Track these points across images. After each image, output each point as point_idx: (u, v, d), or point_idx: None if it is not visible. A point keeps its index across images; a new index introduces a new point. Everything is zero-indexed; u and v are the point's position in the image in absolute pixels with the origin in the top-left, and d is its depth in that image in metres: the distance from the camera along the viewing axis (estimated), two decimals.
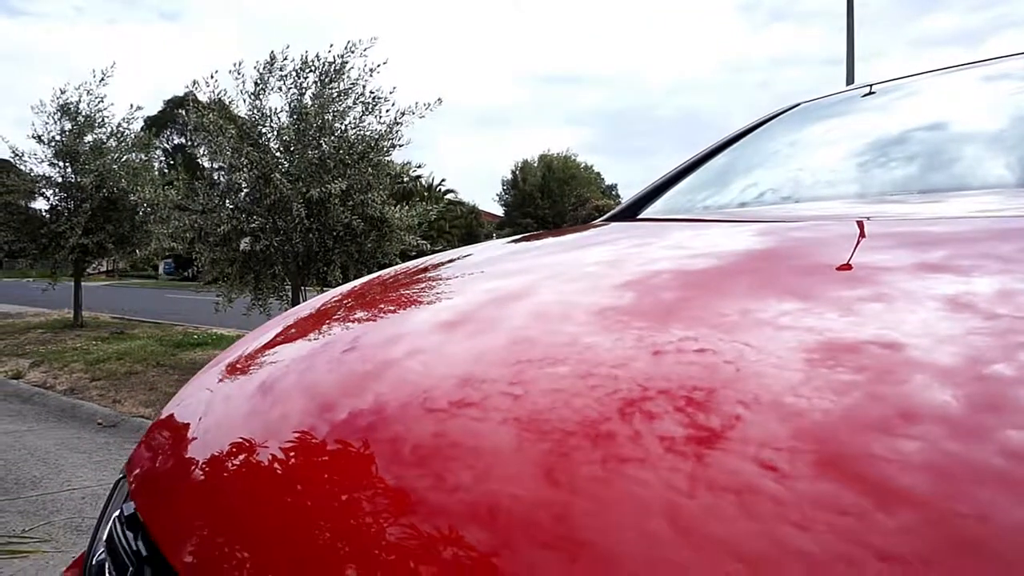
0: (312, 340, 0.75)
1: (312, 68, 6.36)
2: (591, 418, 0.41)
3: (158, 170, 10.30)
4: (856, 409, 0.36)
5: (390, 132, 6.44)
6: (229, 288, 6.61)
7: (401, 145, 6.58)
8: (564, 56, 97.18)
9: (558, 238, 1.18)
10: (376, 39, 6.45)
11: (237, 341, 0.91)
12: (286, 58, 6.36)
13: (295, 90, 6.37)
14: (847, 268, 0.60)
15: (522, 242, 1.14)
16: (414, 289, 0.90)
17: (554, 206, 38.11)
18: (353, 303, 0.89)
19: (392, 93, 6.55)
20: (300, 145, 6.21)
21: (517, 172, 41.10)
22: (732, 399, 0.39)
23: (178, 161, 9.70)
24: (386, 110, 6.49)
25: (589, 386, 0.45)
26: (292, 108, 6.35)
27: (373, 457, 0.45)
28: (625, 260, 0.84)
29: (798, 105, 1.62)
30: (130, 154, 9.27)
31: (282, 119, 6.41)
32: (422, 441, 0.44)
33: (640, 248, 0.92)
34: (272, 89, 6.38)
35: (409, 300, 0.84)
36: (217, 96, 6.50)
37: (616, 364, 0.47)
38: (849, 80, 11.31)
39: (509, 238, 1.26)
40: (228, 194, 6.51)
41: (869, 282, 0.55)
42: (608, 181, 47.60)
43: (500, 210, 42.20)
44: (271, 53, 6.32)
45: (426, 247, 6.63)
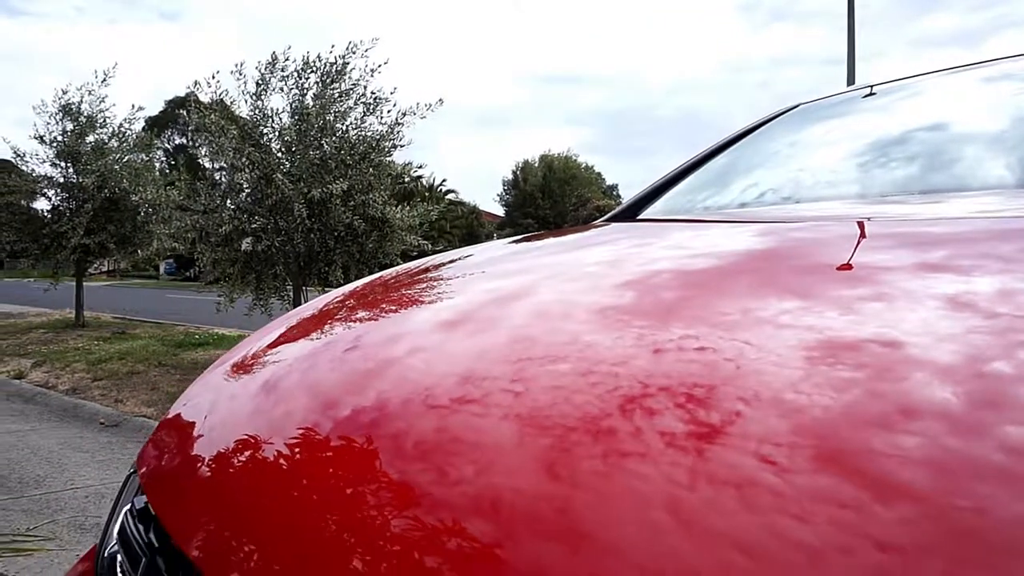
0: (315, 340, 0.76)
1: (314, 69, 6.37)
2: (592, 414, 0.41)
3: (159, 170, 10.31)
4: (856, 405, 0.37)
5: (391, 132, 6.46)
6: (231, 288, 6.62)
7: (402, 145, 6.60)
8: (564, 56, 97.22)
9: (559, 238, 1.19)
10: (377, 40, 6.47)
11: (241, 341, 0.92)
12: (287, 59, 6.38)
13: (297, 91, 6.38)
14: (847, 268, 0.60)
15: (523, 242, 1.15)
16: (416, 289, 0.91)
17: (555, 206, 38.09)
18: (355, 303, 0.89)
19: (393, 93, 6.57)
20: (301, 145, 6.22)
21: (518, 172, 41.08)
22: (732, 396, 0.40)
23: (180, 161, 9.74)
24: (387, 111, 6.52)
25: (590, 383, 0.45)
26: (294, 109, 6.37)
27: (376, 452, 0.46)
28: (626, 260, 0.85)
29: (799, 106, 1.62)
30: (132, 154, 9.30)
31: (284, 119, 6.43)
32: (424, 437, 0.45)
33: (640, 248, 0.93)
34: (274, 90, 6.40)
35: (411, 300, 0.85)
36: (219, 96, 6.52)
37: (617, 362, 0.48)
38: (850, 80, 11.30)
39: (510, 238, 1.27)
40: (230, 194, 6.52)
41: (869, 282, 0.56)
42: (609, 181, 47.63)
43: (501, 210, 42.20)
44: (272, 54, 6.34)
45: (427, 247, 6.63)
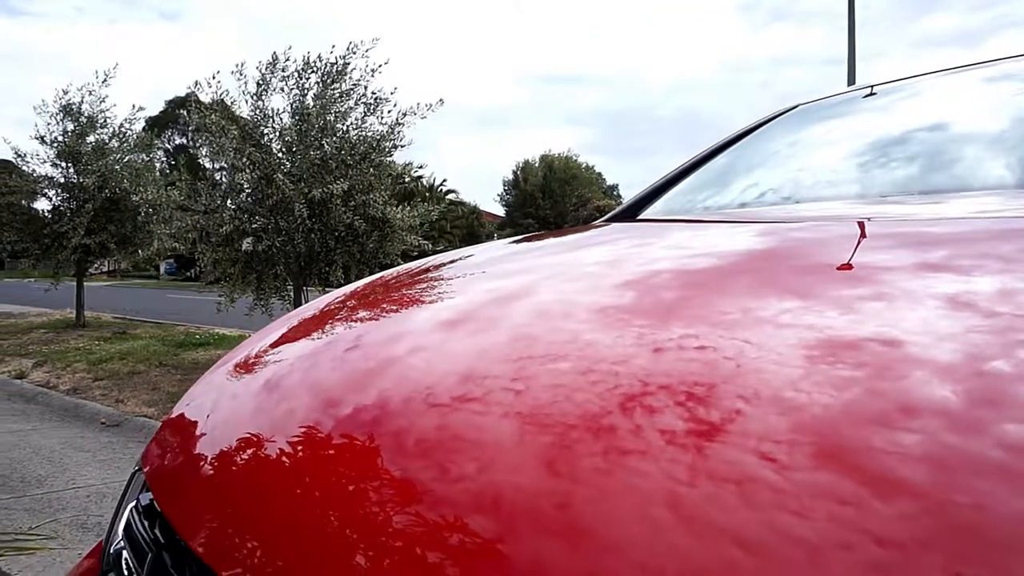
0: (317, 339, 0.76)
1: (314, 69, 6.37)
2: (592, 412, 0.42)
3: (159, 170, 10.32)
4: (855, 403, 0.37)
5: (392, 133, 6.46)
6: (231, 288, 6.63)
7: (403, 146, 6.61)
8: (564, 56, 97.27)
9: (559, 238, 1.19)
10: (378, 40, 6.47)
11: (244, 341, 0.92)
12: (288, 59, 6.38)
13: (297, 91, 6.39)
14: (847, 268, 0.60)
15: (523, 243, 1.15)
16: (416, 289, 0.91)
17: (555, 206, 38.06)
18: (356, 303, 0.90)
19: (393, 94, 6.58)
20: (302, 146, 6.22)
21: (518, 172, 41.04)
22: (732, 393, 0.40)
23: (180, 161, 9.74)
24: (388, 111, 6.52)
25: (590, 381, 0.46)
26: (294, 109, 6.37)
27: (378, 449, 0.46)
28: (626, 260, 0.85)
29: (799, 106, 1.62)
30: (132, 155, 9.30)
31: (284, 120, 6.43)
32: (426, 434, 0.45)
33: (641, 248, 0.93)
34: (274, 90, 6.40)
35: (412, 300, 0.85)
36: (219, 97, 6.53)
37: (617, 360, 0.48)
38: (850, 80, 11.30)
39: (511, 239, 1.27)
40: (230, 194, 6.53)
41: (869, 281, 0.56)
42: (609, 181, 47.61)
43: (501, 210, 42.16)
44: (273, 54, 6.34)
45: (427, 247, 6.64)
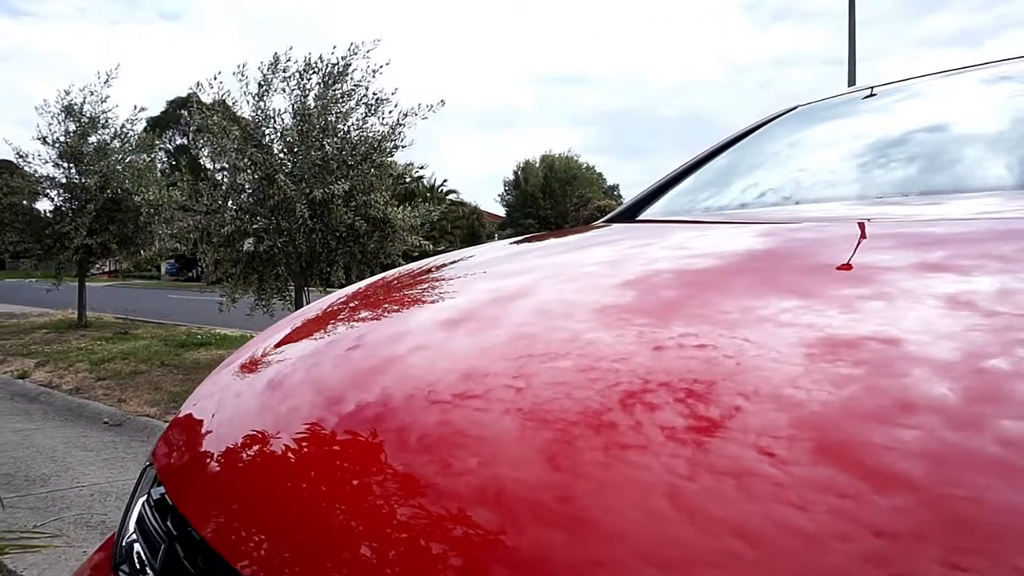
0: (320, 339, 0.77)
1: (315, 70, 6.38)
2: (593, 408, 0.42)
3: (161, 171, 10.32)
4: (854, 400, 0.37)
5: (393, 133, 6.47)
6: (233, 288, 6.63)
7: (404, 146, 6.61)
8: (565, 57, 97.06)
9: (560, 239, 1.20)
10: (379, 41, 6.48)
11: (249, 341, 0.93)
12: (289, 59, 6.39)
13: (299, 91, 6.39)
14: (847, 268, 0.61)
15: (524, 243, 1.16)
16: (418, 289, 0.91)
17: (556, 207, 38.04)
18: (359, 304, 0.90)
19: (394, 94, 6.58)
20: (303, 146, 6.23)
21: (519, 172, 41.01)
22: (732, 390, 0.41)
23: (182, 162, 9.74)
24: (389, 111, 6.52)
25: (591, 378, 0.46)
26: (295, 109, 6.38)
27: (381, 445, 0.47)
28: (626, 260, 0.85)
29: (799, 106, 1.63)
30: (134, 155, 9.31)
31: (286, 120, 6.44)
32: (428, 430, 0.46)
33: (641, 248, 0.93)
34: (276, 90, 6.41)
35: (413, 300, 0.86)
36: (221, 97, 6.54)
37: (617, 358, 0.48)
38: (851, 80, 11.29)
39: (512, 239, 1.27)
40: (232, 195, 6.54)
41: (869, 281, 0.56)
42: (610, 181, 47.53)
43: (502, 210, 42.12)
44: (275, 54, 6.35)
45: (428, 247, 6.64)
